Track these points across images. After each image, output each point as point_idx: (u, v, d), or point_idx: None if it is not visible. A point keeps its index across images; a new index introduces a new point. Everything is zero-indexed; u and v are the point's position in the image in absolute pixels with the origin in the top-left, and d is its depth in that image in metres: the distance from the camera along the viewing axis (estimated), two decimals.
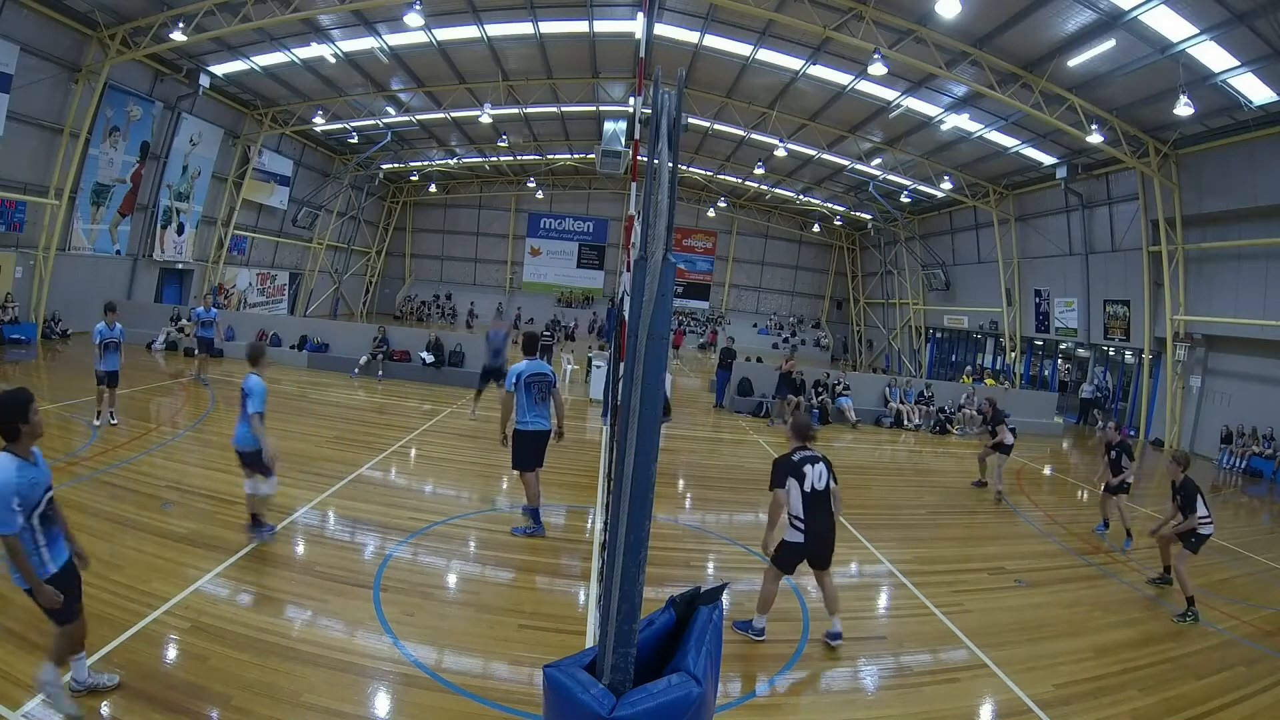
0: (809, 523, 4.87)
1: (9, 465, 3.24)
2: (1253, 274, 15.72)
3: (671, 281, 1.64)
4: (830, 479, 4.98)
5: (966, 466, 12.56)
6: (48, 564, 3.40)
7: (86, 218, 17.77)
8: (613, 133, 21.39)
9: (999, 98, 15.09)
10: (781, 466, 4.93)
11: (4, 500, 3.18)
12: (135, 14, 15.79)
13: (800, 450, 5.02)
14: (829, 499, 4.97)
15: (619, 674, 1.54)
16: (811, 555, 4.97)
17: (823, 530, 4.92)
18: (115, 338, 9.29)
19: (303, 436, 9.67)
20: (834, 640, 5.00)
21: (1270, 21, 11.15)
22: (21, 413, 3.29)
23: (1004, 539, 8.50)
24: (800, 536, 4.89)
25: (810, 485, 4.88)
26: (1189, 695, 4.84)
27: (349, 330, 19.53)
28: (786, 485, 4.87)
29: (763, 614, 5.02)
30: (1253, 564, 8.37)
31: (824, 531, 4.93)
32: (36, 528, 3.34)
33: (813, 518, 4.88)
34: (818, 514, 4.90)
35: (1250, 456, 15.37)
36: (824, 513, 4.93)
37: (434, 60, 20.04)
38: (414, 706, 3.94)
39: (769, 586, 5.03)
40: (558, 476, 8.87)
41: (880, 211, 30.08)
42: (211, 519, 6.19)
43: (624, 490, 1.64)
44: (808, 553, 4.94)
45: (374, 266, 37.63)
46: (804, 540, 4.89)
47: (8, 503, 3.19)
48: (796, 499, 4.87)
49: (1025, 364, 25.31)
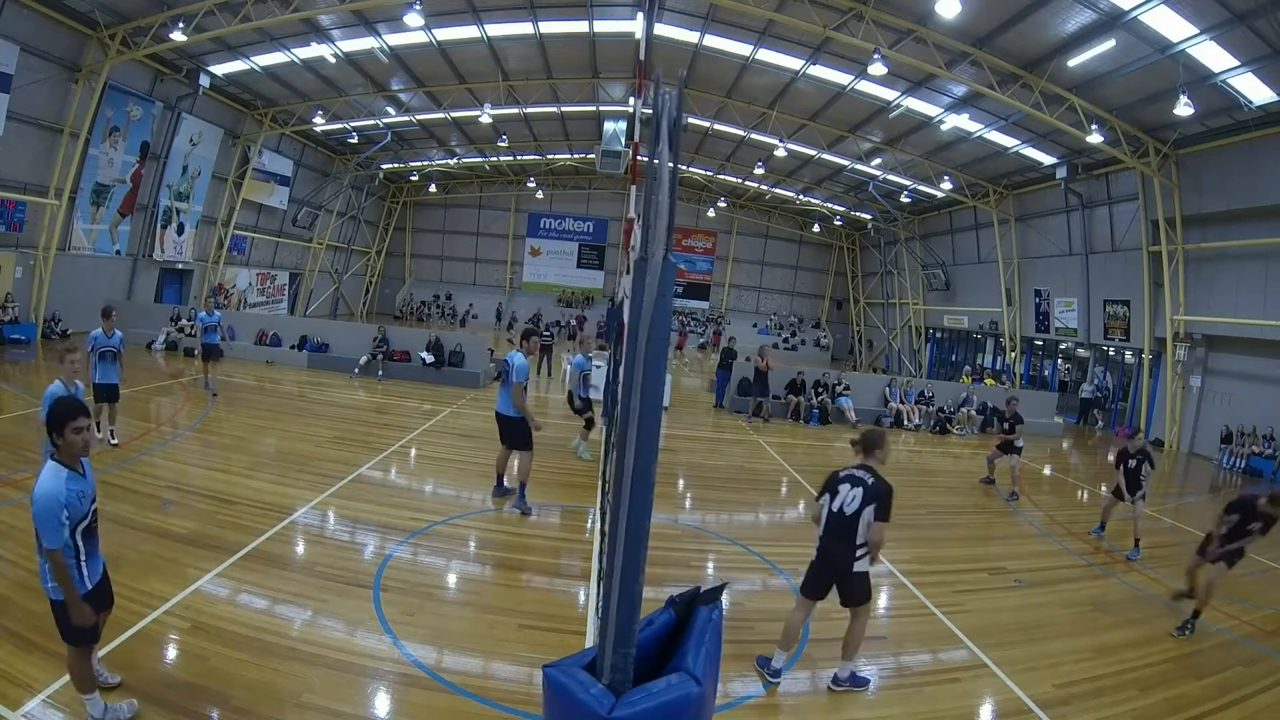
0: (822, 543, 4.48)
1: (58, 476, 3.14)
2: (1253, 274, 15.71)
3: (671, 282, 1.64)
4: (863, 506, 4.27)
5: (966, 466, 12.57)
6: (85, 580, 3.29)
7: (86, 218, 17.78)
8: (613, 133, 21.38)
9: (999, 98, 15.09)
10: (828, 478, 4.55)
11: (53, 513, 3.07)
12: (135, 14, 15.78)
13: (859, 467, 4.45)
14: (855, 527, 4.30)
15: (619, 674, 1.54)
16: (822, 582, 4.50)
17: (835, 556, 4.39)
18: (114, 346, 8.14)
19: (303, 436, 9.67)
20: (836, 685, 4.53)
21: (1270, 21, 11.15)
22: (73, 418, 3.19)
23: (1004, 539, 8.50)
24: (815, 555, 4.55)
25: (838, 505, 4.37)
26: (1189, 695, 4.84)
27: (349, 330, 19.54)
28: (822, 499, 4.52)
29: (782, 650, 4.53)
30: (1253, 564, 8.34)
31: (838, 559, 4.38)
32: (80, 543, 3.24)
33: (828, 539, 4.42)
34: (833, 538, 4.39)
35: (1250, 456, 15.37)
36: (843, 540, 4.34)
37: (434, 60, 20.03)
38: (414, 706, 3.94)
39: (794, 616, 4.58)
40: (558, 476, 8.88)
41: (880, 211, 30.08)
42: (211, 519, 6.19)
43: (624, 490, 1.64)
44: (819, 577, 4.51)
45: (374, 266, 37.63)
46: (815, 559, 4.54)
47: (57, 516, 3.09)
48: (824, 515, 4.48)
49: (1025, 364, 25.31)
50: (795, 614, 4.61)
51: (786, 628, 4.56)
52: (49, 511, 3.07)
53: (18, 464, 6.94)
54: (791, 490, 9.86)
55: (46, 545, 3.11)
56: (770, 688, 4.49)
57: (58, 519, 3.09)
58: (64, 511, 3.10)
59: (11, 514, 5.78)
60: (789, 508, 9.29)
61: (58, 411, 3.20)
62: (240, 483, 7.31)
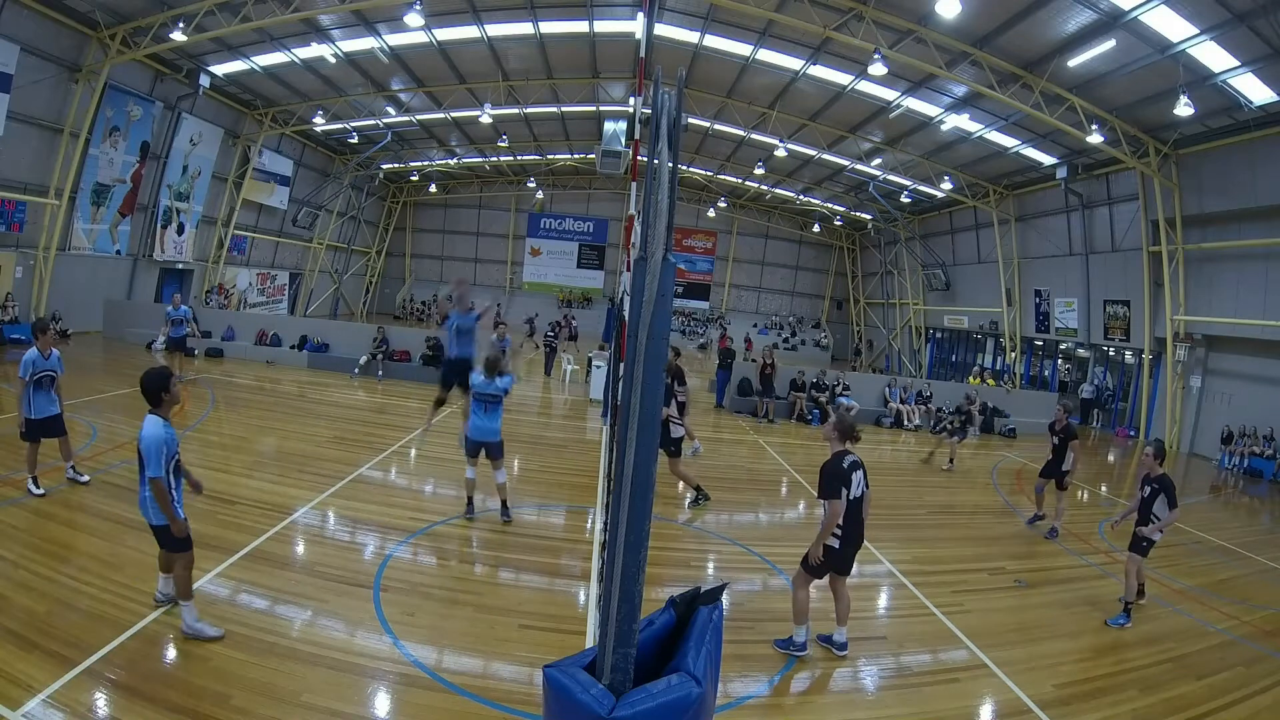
0: (847, 529, 4.82)
1: (161, 423, 4.23)
2: (1253, 274, 15.71)
3: (671, 281, 1.64)
4: (864, 484, 4.90)
5: (966, 466, 12.56)
6: (179, 505, 4.31)
7: (86, 218, 17.77)
8: (613, 133, 21.36)
9: (999, 98, 15.09)
10: (833, 474, 4.76)
11: (160, 450, 4.14)
12: (135, 14, 15.79)
13: (846, 455, 4.85)
14: (862, 505, 4.89)
15: (619, 674, 1.54)
16: (843, 562, 4.89)
17: (856, 537, 4.88)
18: (51, 369, 6.44)
19: (303, 436, 9.67)
20: (840, 650, 4.96)
21: (1270, 21, 11.15)
22: (164, 384, 4.27)
23: (1004, 539, 8.49)
24: (837, 543, 4.81)
25: (854, 493, 4.79)
26: (1189, 695, 4.84)
27: (349, 330, 19.52)
28: (840, 494, 4.73)
29: (801, 624, 4.89)
30: (1253, 564, 8.37)
31: (857, 538, 4.89)
32: (171, 477, 4.25)
33: (850, 525, 4.82)
34: (854, 521, 4.85)
35: (1250, 457, 15.37)
36: (857, 519, 4.88)
37: (434, 60, 20.04)
38: (414, 706, 3.94)
39: (801, 594, 4.91)
40: (558, 476, 8.88)
41: (880, 211, 30.08)
42: (211, 519, 6.18)
43: (624, 490, 1.64)
44: (840, 558, 4.86)
45: (374, 266, 37.62)
46: (840, 546, 4.82)
47: (162, 452, 4.15)
48: (845, 504, 4.77)
49: (1025, 364, 25.30)
50: (801, 593, 4.93)
51: (800, 604, 4.90)
52: (156, 447, 4.13)
53: (18, 464, 6.93)
54: (791, 490, 9.86)
55: (150, 474, 4.12)
56: (789, 669, 4.49)
57: (162, 455, 4.15)
58: (165, 449, 4.17)
59: (12, 514, 5.78)
60: (789, 508, 9.29)
61: (158, 377, 4.29)
62: (240, 483, 7.31)
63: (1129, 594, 6.11)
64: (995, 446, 15.33)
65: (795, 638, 4.90)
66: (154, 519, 4.24)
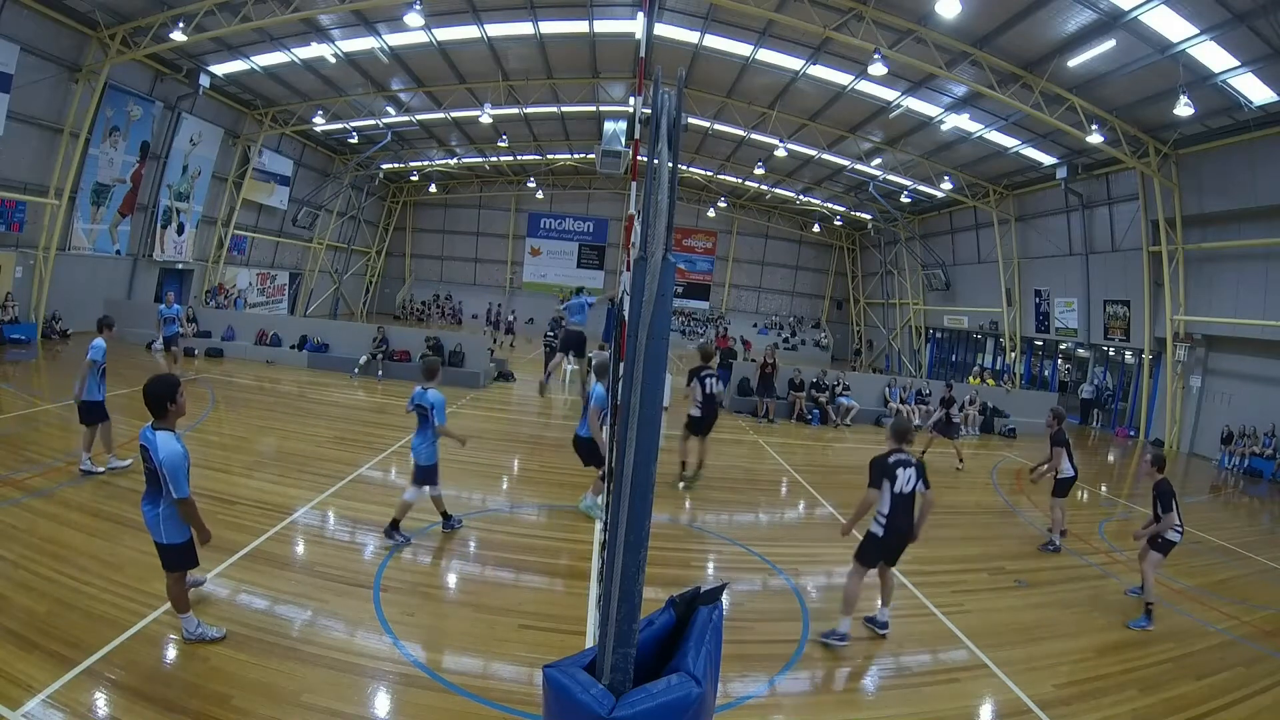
0: (891, 520, 5.12)
1: (177, 439, 3.90)
2: (1253, 274, 15.71)
3: (671, 281, 1.64)
4: (920, 483, 5.15)
5: (966, 466, 12.55)
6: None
7: (86, 218, 17.77)
8: (613, 133, 21.36)
9: (999, 98, 15.09)
10: (878, 467, 5.14)
11: (185, 469, 3.89)
12: (135, 14, 15.78)
13: (896, 453, 5.19)
14: (914, 501, 5.17)
15: (619, 674, 1.54)
16: (888, 551, 5.23)
17: (903, 529, 5.17)
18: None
19: (303, 436, 9.67)
20: (882, 630, 5.31)
21: (1270, 21, 11.15)
22: (172, 394, 3.91)
23: (1004, 539, 8.50)
24: (881, 531, 5.14)
25: (900, 488, 5.10)
26: (1189, 695, 4.84)
27: (349, 330, 19.50)
28: (881, 486, 5.12)
29: (847, 615, 5.12)
30: (1253, 564, 8.37)
31: (904, 530, 5.18)
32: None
33: (896, 517, 5.12)
34: (901, 514, 5.14)
35: (1250, 457, 15.37)
36: (907, 514, 5.17)
37: (434, 60, 20.03)
38: (414, 706, 3.94)
39: (853, 584, 5.19)
40: (558, 476, 8.88)
41: (880, 211, 30.08)
42: (211, 519, 6.10)
43: (624, 490, 1.64)
44: (885, 547, 5.19)
45: (374, 266, 37.62)
46: (883, 535, 5.14)
47: (185, 469, 3.89)
48: (886, 498, 5.12)
49: (1025, 364, 25.31)
50: (853, 580, 5.20)
51: (849, 595, 5.15)
52: (182, 467, 3.87)
53: (18, 464, 6.93)
54: (792, 490, 9.86)
55: (178, 495, 3.86)
56: (789, 669, 4.49)
57: (186, 473, 3.90)
58: (186, 464, 3.91)
59: (12, 514, 5.78)
60: (789, 508, 9.29)
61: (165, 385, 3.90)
62: (240, 482, 7.31)
63: (1148, 594, 6.10)
64: (995, 446, 15.33)
65: (839, 628, 5.11)
66: (165, 538, 4.00)
